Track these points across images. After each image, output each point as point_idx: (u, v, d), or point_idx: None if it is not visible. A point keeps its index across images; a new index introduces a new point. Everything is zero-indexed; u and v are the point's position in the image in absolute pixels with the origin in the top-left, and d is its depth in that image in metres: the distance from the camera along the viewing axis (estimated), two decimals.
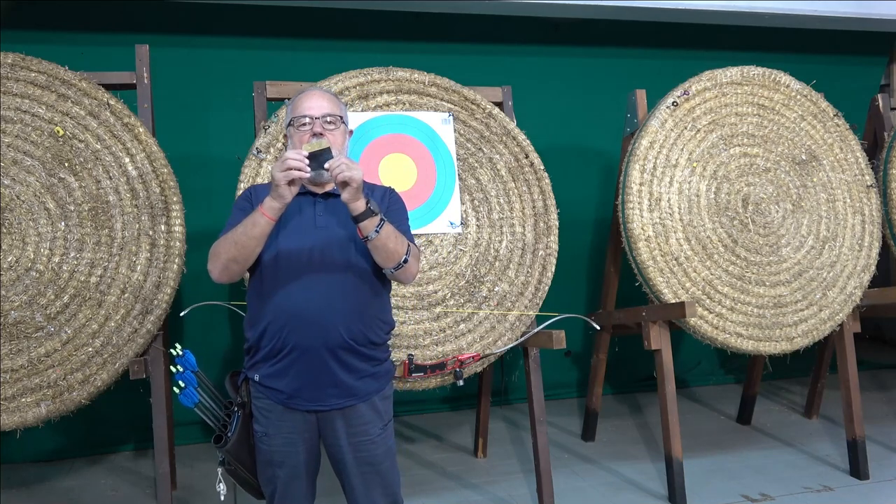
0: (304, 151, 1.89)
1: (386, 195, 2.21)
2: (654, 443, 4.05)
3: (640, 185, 3.33)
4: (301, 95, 2.14)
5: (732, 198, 3.47)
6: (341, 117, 2.11)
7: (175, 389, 2.07)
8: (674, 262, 3.31)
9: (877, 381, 5.18)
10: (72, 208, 2.82)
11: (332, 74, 3.15)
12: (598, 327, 3.61)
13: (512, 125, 3.33)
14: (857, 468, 3.53)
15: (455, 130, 3.24)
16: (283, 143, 2.96)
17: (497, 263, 3.17)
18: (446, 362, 2.97)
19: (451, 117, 3.24)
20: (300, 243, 2.03)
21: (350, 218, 1.94)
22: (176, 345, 2.13)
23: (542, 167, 3.31)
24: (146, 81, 3.02)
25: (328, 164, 1.87)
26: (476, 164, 3.25)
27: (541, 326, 3.17)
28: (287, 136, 2.15)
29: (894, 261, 4.15)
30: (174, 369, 2.08)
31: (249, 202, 2.10)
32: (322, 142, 1.93)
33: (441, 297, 3.06)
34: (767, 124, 3.60)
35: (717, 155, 3.48)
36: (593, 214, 4.62)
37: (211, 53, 3.95)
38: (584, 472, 3.67)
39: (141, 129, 2.92)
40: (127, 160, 2.90)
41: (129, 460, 3.91)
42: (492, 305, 3.11)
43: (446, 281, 3.08)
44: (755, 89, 3.60)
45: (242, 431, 2.09)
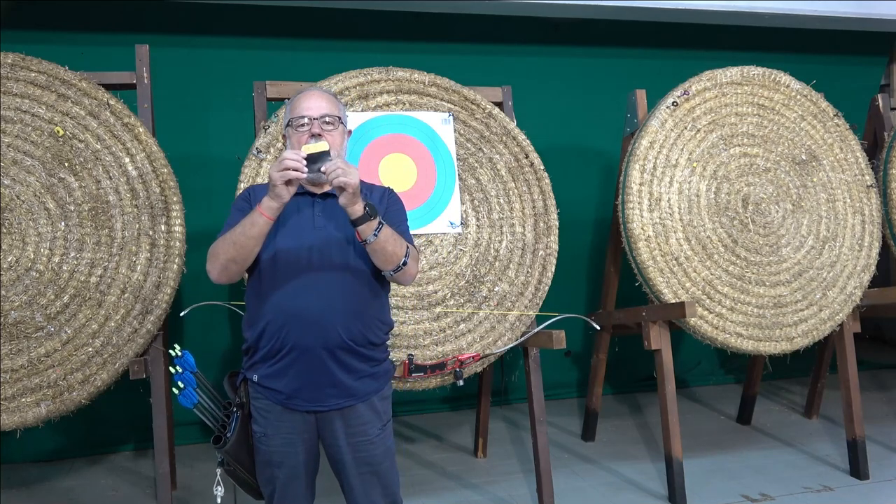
0: (302, 153, 1.88)
1: (385, 196, 2.20)
2: (654, 443, 4.05)
3: (640, 185, 3.33)
4: (299, 96, 2.12)
5: (732, 198, 3.47)
6: (340, 118, 2.10)
7: (174, 390, 2.06)
8: (674, 262, 3.31)
9: (877, 381, 5.18)
10: (72, 208, 2.82)
11: (332, 74, 3.15)
12: (598, 327, 3.61)
13: (512, 125, 3.33)
14: (857, 468, 3.53)
15: (455, 130, 3.24)
16: (283, 143, 2.96)
17: (497, 263, 3.16)
18: (446, 362, 2.97)
19: (451, 117, 3.24)
20: (299, 243, 2.03)
21: (348, 220, 1.93)
22: (175, 345, 2.12)
23: (542, 167, 3.31)
24: (146, 81, 3.02)
25: (324, 167, 1.85)
26: (476, 164, 3.25)
27: (541, 326, 3.17)
28: (286, 137, 2.14)
29: (894, 261, 4.15)
30: (173, 370, 2.08)
31: (248, 202, 2.08)
32: (321, 144, 1.92)
33: (441, 297, 3.06)
34: (767, 124, 3.60)
35: (717, 155, 3.48)
36: (593, 214, 4.62)
37: (211, 53, 3.95)
38: (584, 472, 3.67)
39: (141, 129, 2.92)
40: (127, 160, 2.90)
41: (129, 460, 3.91)
42: (492, 305, 3.11)
43: (446, 281, 3.08)
44: (755, 89, 3.60)
45: (241, 432, 2.09)
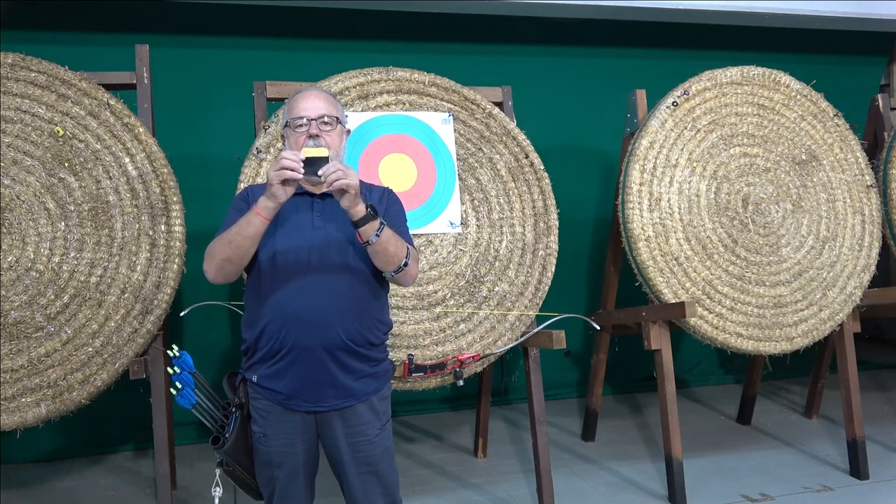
0: (301, 155, 1.87)
1: (384, 196, 2.20)
2: (654, 443, 4.05)
3: (640, 185, 3.33)
4: (297, 96, 2.10)
5: (732, 198, 3.47)
6: (338, 118, 2.09)
7: (172, 391, 2.06)
8: (674, 262, 3.31)
9: (877, 381, 5.18)
10: (72, 208, 2.82)
11: (332, 74, 3.15)
12: (598, 327, 3.61)
13: (512, 125, 3.33)
14: (857, 468, 3.53)
15: (455, 130, 3.24)
16: (283, 143, 2.96)
17: (497, 263, 3.16)
18: (446, 362, 2.97)
19: (451, 117, 3.24)
20: (298, 244, 2.03)
21: (349, 220, 1.92)
22: (173, 346, 2.12)
23: (542, 167, 3.31)
24: (146, 81, 3.02)
25: (322, 170, 1.84)
26: (476, 164, 3.25)
27: (541, 326, 3.17)
28: (284, 137, 2.14)
29: (894, 261, 4.15)
30: (171, 371, 2.07)
31: (246, 202, 2.07)
32: (321, 149, 1.90)
33: (441, 297, 3.06)
34: (767, 124, 3.60)
35: (717, 155, 3.48)
36: (593, 214, 4.62)
37: (211, 53, 3.95)
38: (584, 472, 3.67)
39: (141, 129, 2.92)
40: (127, 160, 2.90)
41: (129, 460, 3.91)
42: (492, 305, 3.11)
43: (446, 281, 3.08)
44: (755, 89, 3.60)
45: (240, 432, 2.08)
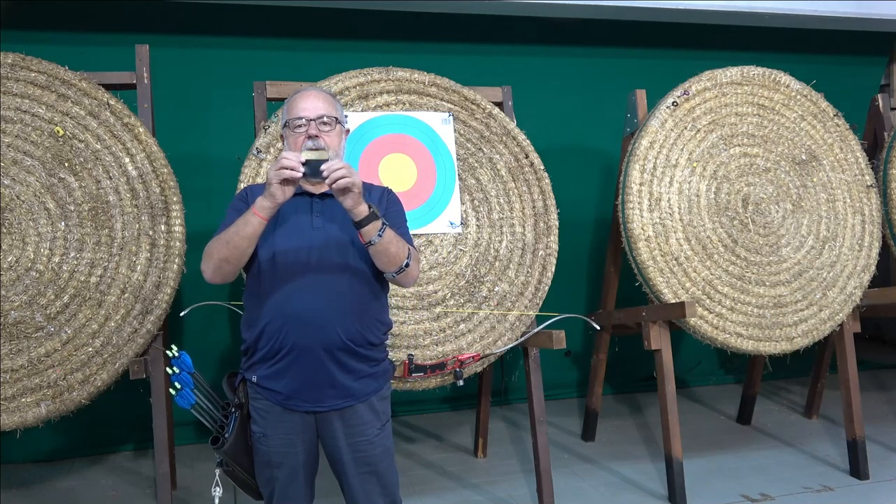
0: (301, 157, 1.86)
1: (384, 196, 2.19)
2: (654, 443, 4.05)
3: (640, 185, 3.33)
4: (296, 96, 2.10)
5: (732, 198, 3.47)
6: (337, 118, 2.09)
7: (171, 391, 2.06)
8: (674, 262, 3.31)
9: (877, 381, 5.18)
10: (72, 208, 2.82)
11: (332, 74, 3.15)
12: (598, 327, 3.61)
13: (512, 125, 3.33)
14: (857, 468, 3.53)
15: (455, 130, 3.24)
16: (283, 143, 2.96)
17: (497, 263, 3.16)
18: (446, 362, 2.97)
19: (451, 117, 3.24)
20: (297, 244, 2.02)
21: (349, 220, 1.92)
22: (172, 346, 2.12)
23: (542, 167, 3.31)
24: (146, 81, 3.02)
25: (324, 166, 1.83)
26: (476, 164, 3.25)
27: (541, 326, 3.17)
28: (283, 137, 2.13)
29: (894, 261, 4.15)
30: (170, 371, 2.07)
31: (245, 202, 2.06)
32: (322, 153, 1.89)
33: (441, 297, 3.06)
34: (767, 124, 3.59)
35: (717, 155, 3.48)
36: (593, 214, 4.62)
37: (211, 53, 3.95)
38: (584, 472, 3.67)
39: (141, 129, 2.92)
40: (127, 160, 2.90)
41: (129, 460, 3.91)
42: (492, 305, 3.11)
43: (446, 281, 3.08)
44: (755, 89, 3.60)
45: (240, 432, 2.08)
